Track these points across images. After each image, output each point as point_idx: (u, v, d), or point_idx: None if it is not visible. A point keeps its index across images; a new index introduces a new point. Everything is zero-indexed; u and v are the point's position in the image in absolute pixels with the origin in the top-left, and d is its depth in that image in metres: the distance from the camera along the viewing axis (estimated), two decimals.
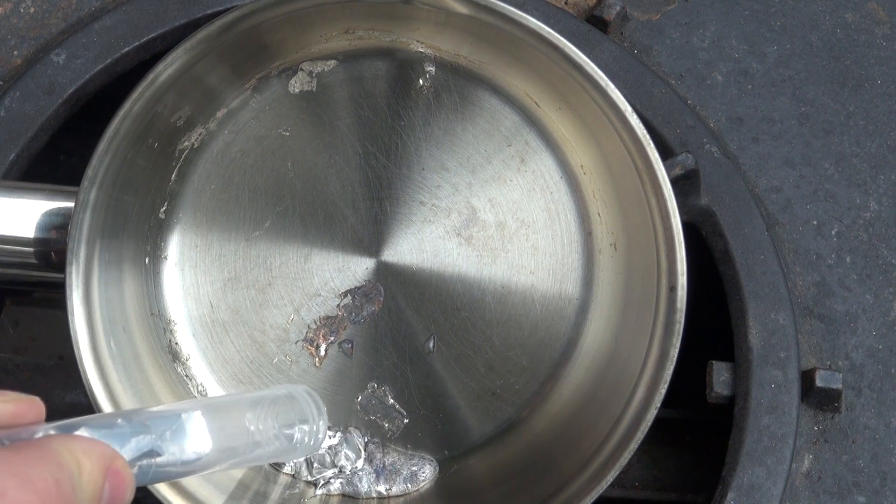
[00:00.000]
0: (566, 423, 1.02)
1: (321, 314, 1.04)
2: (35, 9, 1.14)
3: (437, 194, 1.04)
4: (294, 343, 1.04)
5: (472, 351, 1.04)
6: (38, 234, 0.98)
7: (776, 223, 1.12)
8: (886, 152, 1.14)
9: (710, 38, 1.17)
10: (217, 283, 1.04)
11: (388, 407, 1.04)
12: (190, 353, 1.03)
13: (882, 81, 1.16)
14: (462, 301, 1.04)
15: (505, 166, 1.05)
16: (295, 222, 1.04)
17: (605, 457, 0.96)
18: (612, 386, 1.00)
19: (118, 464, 0.71)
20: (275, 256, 1.04)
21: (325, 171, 1.04)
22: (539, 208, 1.05)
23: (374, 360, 1.04)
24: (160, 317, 1.03)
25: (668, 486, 1.12)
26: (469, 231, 1.04)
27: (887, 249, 1.11)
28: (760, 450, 1.03)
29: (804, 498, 1.04)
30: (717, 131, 1.14)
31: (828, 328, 1.09)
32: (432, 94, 1.04)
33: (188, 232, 1.04)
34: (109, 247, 0.97)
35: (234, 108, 1.04)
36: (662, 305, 0.97)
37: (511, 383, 1.04)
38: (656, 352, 0.97)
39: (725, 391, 1.06)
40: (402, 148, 1.04)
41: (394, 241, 1.04)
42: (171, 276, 1.03)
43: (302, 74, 1.04)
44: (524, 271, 1.04)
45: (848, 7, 1.18)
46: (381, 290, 1.04)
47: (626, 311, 1.02)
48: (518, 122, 1.05)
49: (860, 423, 1.06)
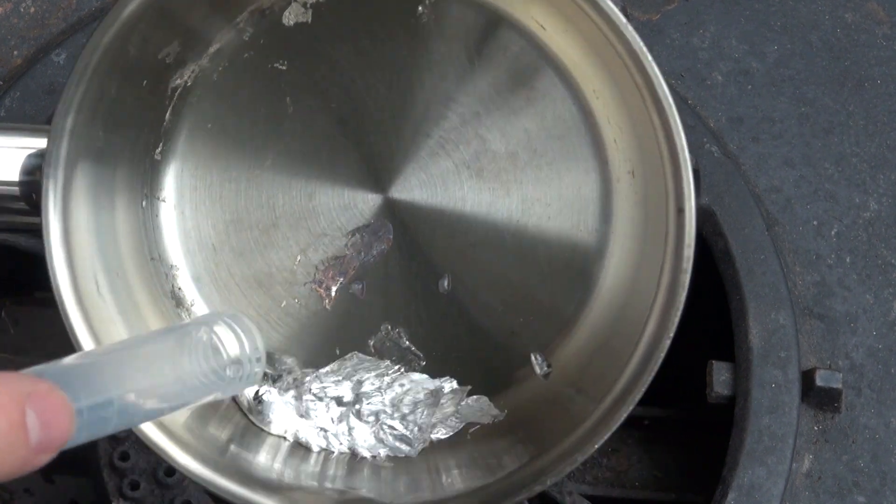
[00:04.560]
0: (587, 361, 0.99)
1: (329, 254, 1.01)
2: (35, 9, 1.14)
3: (444, 126, 1.00)
4: (302, 285, 1.01)
5: (489, 289, 1.01)
6: (22, 177, 0.94)
7: (776, 223, 1.12)
8: (886, 152, 1.14)
9: (710, 38, 1.17)
10: (219, 226, 1.01)
11: (403, 349, 1.01)
12: (194, 298, 1.00)
13: (882, 81, 1.16)
14: (475, 237, 1.00)
15: (513, 94, 0.99)
16: (297, 160, 1.00)
17: (617, 392, 0.94)
18: (631, 319, 0.96)
19: (40, 388, 0.67)
20: (278, 196, 1.00)
21: (324, 105, 1.00)
22: (552, 137, 1.00)
23: (386, 301, 1.01)
24: (161, 261, 1.00)
25: (668, 486, 1.12)
26: (479, 163, 1.00)
27: (887, 249, 1.11)
28: (761, 450, 1.03)
29: (804, 498, 1.04)
30: (717, 131, 1.14)
31: (828, 328, 1.09)
32: (433, 21, 0.99)
33: (186, 173, 1.00)
34: (99, 185, 0.94)
35: (227, 44, 0.99)
36: (672, 232, 0.93)
37: (531, 321, 1.01)
38: (667, 281, 0.93)
39: (725, 391, 1.06)
40: (405, 78, 0.99)
41: (400, 176, 1.00)
42: (169, 218, 1.00)
43: (296, 6, 0.99)
44: (539, 204, 1.00)
45: (848, 7, 1.18)
46: (389, 228, 1.00)
47: (645, 243, 0.98)
48: (525, 47, 0.99)
49: (860, 423, 1.06)
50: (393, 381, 1.01)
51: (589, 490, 1.11)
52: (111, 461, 1.09)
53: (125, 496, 1.08)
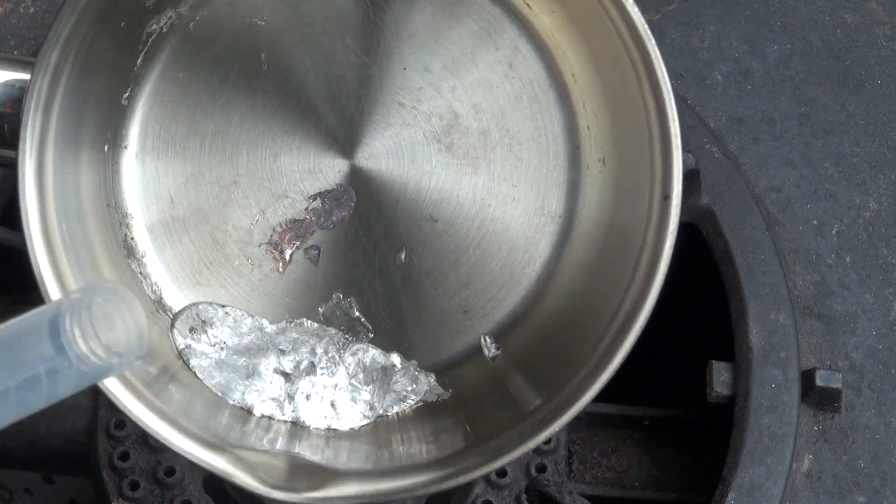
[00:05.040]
0: (538, 351, 0.98)
1: (288, 217, 0.99)
2: (35, 9, 1.14)
3: (419, 97, 0.99)
4: (257, 246, 0.99)
5: (447, 265, 1.00)
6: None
7: (776, 223, 1.12)
8: (886, 152, 1.14)
9: (710, 38, 1.17)
10: (179, 178, 0.99)
11: (352, 320, 1.00)
12: (146, 249, 0.98)
13: (882, 81, 1.16)
14: (438, 212, 0.99)
15: (491, 71, 0.99)
16: (266, 118, 0.98)
17: (568, 391, 0.92)
18: (591, 312, 0.95)
19: None
20: (242, 153, 0.99)
21: (300, 65, 0.98)
22: (525, 118, 0.99)
23: (340, 270, 1.00)
24: (116, 209, 0.98)
25: (668, 486, 1.12)
26: (450, 137, 0.99)
27: (887, 249, 1.11)
28: (761, 450, 1.03)
29: (804, 498, 1.04)
30: (718, 131, 1.14)
31: (828, 328, 1.09)
32: None
33: (151, 121, 0.98)
34: (67, 126, 0.92)
35: None
36: (654, 220, 0.92)
37: (485, 302, 1.00)
38: (642, 274, 0.92)
39: (725, 391, 1.06)
40: (384, 45, 0.98)
41: (369, 143, 0.99)
42: (130, 166, 0.98)
43: None
44: (506, 184, 0.99)
45: (848, 7, 1.18)
46: (352, 195, 0.99)
47: (611, 233, 0.97)
48: (508, 25, 0.98)
49: (860, 423, 1.06)
50: (342, 352, 1.00)
51: (589, 490, 1.11)
52: (111, 461, 1.09)
53: (125, 496, 1.08)
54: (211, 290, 0.99)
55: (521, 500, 1.09)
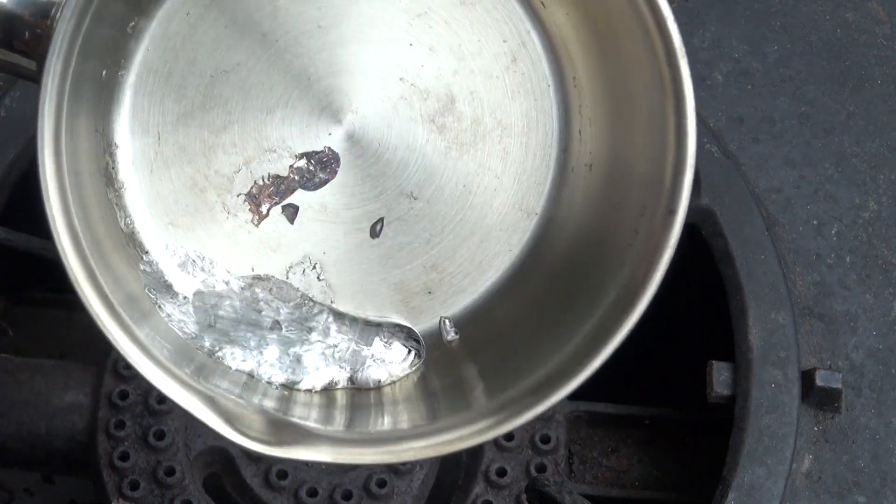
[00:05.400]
0: (499, 342, 0.98)
1: (271, 172, 0.99)
2: None
3: (420, 74, 0.99)
4: (236, 196, 0.98)
5: (419, 244, 0.99)
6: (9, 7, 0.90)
7: (776, 223, 1.12)
8: (886, 152, 1.14)
9: (711, 38, 1.17)
10: (169, 115, 0.98)
11: (318, 283, 1.00)
12: (125, 181, 0.97)
13: (882, 81, 1.16)
14: (420, 190, 0.99)
15: (495, 61, 0.99)
16: (266, 70, 0.98)
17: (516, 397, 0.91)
18: (554, 316, 0.95)
19: None
20: (237, 101, 0.98)
21: (309, 25, 0.98)
22: (519, 113, 0.99)
23: (314, 232, 0.99)
24: (103, 135, 0.97)
25: (668, 486, 1.12)
26: (443, 119, 0.99)
27: (887, 249, 1.11)
28: (761, 450, 1.03)
29: (804, 498, 1.04)
30: (718, 131, 1.14)
31: (828, 328, 1.09)
32: None
33: (151, 54, 0.97)
34: (86, 45, 0.91)
35: None
36: (642, 232, 0.92)
37: (450, 286, 1.00)
38: (623, 286, 0.91)
39: (725, 391, 1.06)
40: (393, 20, 0.99)
41: (364, 112, 0.99)
42: (122, 95, 0.97)
43: None
44: (490, 174, 0.99)
45: (848, 7, 1.18)
46: (338, 160, 0.98)
47: (589, 243, 0.97)
48: (519, 19, 0.99)
49: (860, 423, 1.06)
50: (306, 314, 1.00)
51: (589, 490, 1.11)
52: (111, 461, 1.09)
53: (125, 496, 1.08)
54: (183, 231, 0.98)
55: (521, 500, 1.09)
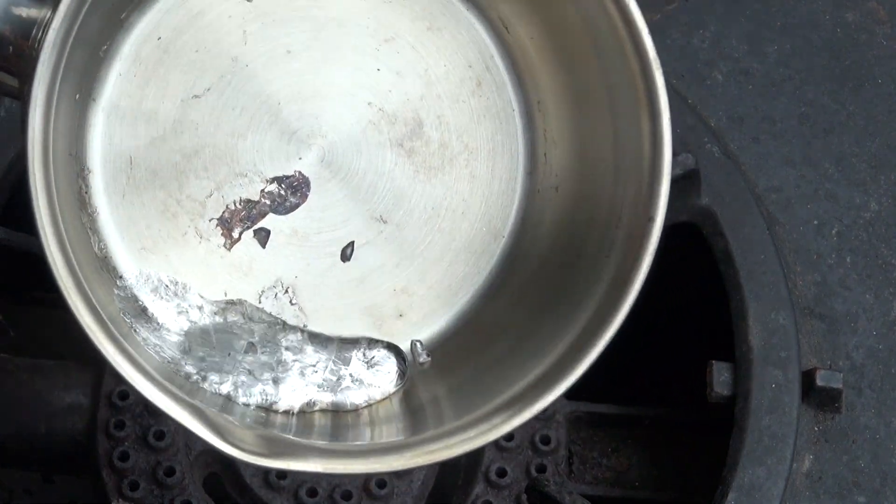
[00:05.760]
0: (466, 367, 0.98)
1: (242, 196, 0.99)
2: None
3: (388, 98, 1.00)
4: (208, 220, 0.99)
5: (389, 268, 1.00)
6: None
7: (776, 223, 1.12)
8: (886, 152, 1.14)
9: (711, 38, 1.17)
10: (142, 140, 0.98)
11: (290, 308, 1.01)
12: (98, 205, 0.97)
13: (882, 81, 1.16)
14: (390, 214, 1.00)
15: (461, 86, 1.00)
16: (236, 95, 0.99)
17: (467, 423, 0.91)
18: (549, 318, 0.96)
19: None
20: (209, 125, 0.99)
21: (278, 50, 0.99)
22: (485, 137, 1.00)
23: (286, 256, 1.00)
24: (76, 160, 0.97)
25: (668, 486, 1.12)
26: (411, 143, 1.00)
27: (887, 249, 1.11)
28: (761, 450, 1.03)
29: (805, 498, 1.04)
30: (718, 131, 1.14)
31: (828, 328, 1.09)
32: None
33: (124, 79, 0.98)
34: (67, 68, 0.91)
35: None
36: (619, 245, 0.92)
37: (421, 309, 1.01)
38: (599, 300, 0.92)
39: (725, 391, 1.06)
40: (361, 45, 1.00)
41: (333, 137, 1.00)
42: (95, 120, 0.98)
43: None
44: (458, 197, 1.00)
45: (848, 7, 1.18)
46: (308, 185, 0.99)
47: (559, 262, 0.98)
48: (484, 44, 1.00)
49: (861, 423, 1.06)
50: (279, 338, 1.00)
51: (589, 490, 1.11)
52: (111, 461, 1.09)
53: (125, 496, 1.08)
54: (156, 257, 0.98)
55: (521, 500, 1.09)
